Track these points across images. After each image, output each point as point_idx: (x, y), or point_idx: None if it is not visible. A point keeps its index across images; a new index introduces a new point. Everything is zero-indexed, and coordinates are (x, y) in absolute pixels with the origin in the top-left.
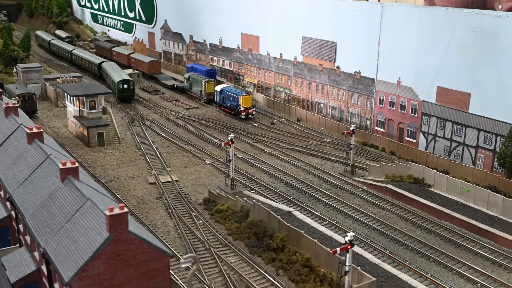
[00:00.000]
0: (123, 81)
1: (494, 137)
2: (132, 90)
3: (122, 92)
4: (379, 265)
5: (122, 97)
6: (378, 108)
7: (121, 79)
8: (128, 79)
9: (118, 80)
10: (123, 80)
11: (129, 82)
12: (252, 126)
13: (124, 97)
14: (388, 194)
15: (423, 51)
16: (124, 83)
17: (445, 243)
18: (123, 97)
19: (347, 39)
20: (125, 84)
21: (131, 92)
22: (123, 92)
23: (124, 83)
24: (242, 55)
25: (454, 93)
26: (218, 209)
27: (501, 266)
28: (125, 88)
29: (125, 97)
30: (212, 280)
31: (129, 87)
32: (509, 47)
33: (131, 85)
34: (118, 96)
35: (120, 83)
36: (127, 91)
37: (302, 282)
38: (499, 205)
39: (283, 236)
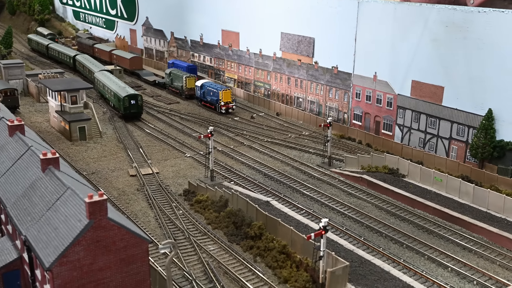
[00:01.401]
0: (130, 96)
1: (467, 129)
2: (141, 106)
3: (129, 109)
4: (354, 251)
5: (129, 114)
6: (355, 102)
7: (127, 94)
8: (135, 94)
9: (125, 95)
10: (130, 95)
11: (137, 97)
12: (232, 120)
13: (131, 114)
14: (364, 184)
15: (398, 46)
16: (131, 98)
17: (418, 230)
18: (130, 114)
19: (324, 34)
20: (132, 99)
21: (138, 108)
22: (130, 108)
23: (131, 98)
24: (222, 51)
25: (428, 86)
26: (197, 200)
27: (471, 251)
28: (133, 104)
29: (133, 114)
30: (192, 267)
31: (137, 102)
32: (480, 41)
33: (139, 100)
34: (124, 113)
35: (126, 98)
36: (134, 107)
37: (279, 268)
38: (470, 194)
39: (260, 224)
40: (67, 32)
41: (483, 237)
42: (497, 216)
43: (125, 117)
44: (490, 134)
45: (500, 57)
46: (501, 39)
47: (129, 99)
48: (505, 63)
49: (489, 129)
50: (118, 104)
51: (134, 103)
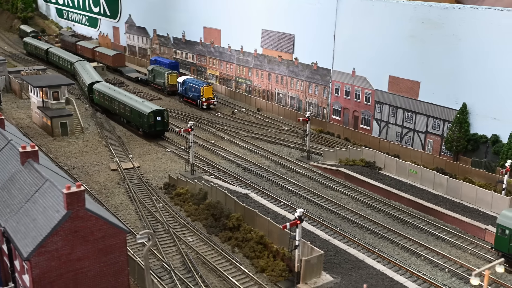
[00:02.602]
0: (156, 112)
1: (442, 123)
2: (167, 122)
3: (154, 127)
4: (329, 240)
5: (154, 133)
6: (334, 97)
7: (152, 109)
8: (161, 109)
9: (149, 111)
10: (155, 111)
11: (163, 113)
12: (213, 116)
13: (156, 132)
14: (341, 177)
15: (376, 42)
16: (157, 115)
17: (393, 220)
18: (154, 132)
19: (304, 31)
20: (158, 115)
21: (165, 125)
22: (156, 126)
23: (157, 115)
24: (204, 48)
25: (404, 81)
26: (177, 193)
27: (444, 240)
28: (158, 121)
29: (158, 132)
30: (170, 258)
31: (163, 119)
32: (454, 37)
33: (166, 116)
34: (148, 131)
35: (152, 115)
36: (160, 124)
37: (256, 258)
38: (444, 185)
39: (238, 216)
40: (51, 29)
41: (455, 227)
42: (469, 207)
43: (148, 135)
44: (464, 127)
45: (474, 52)
46: (475, 35)
47: (154, 116)
48: (478, 59)
49: (463, 123)
50: (139, 121)
51: (159, 120)
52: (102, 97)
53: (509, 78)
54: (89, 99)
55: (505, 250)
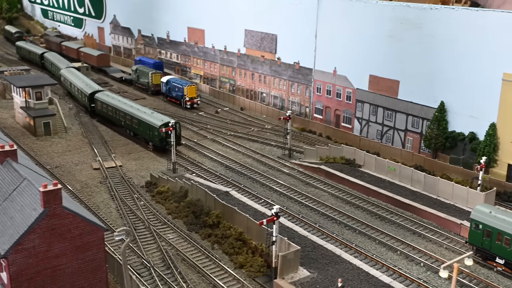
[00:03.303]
0: (167, 124)
1: (421, 121)
2: (179, 135)
3: (166, 140)
4: (307, 236)
5: (166, 146)
6: (316, 96)
7: (163, 122)
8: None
9: (161, 124)
10: (167, 123)
11: (175, 126)
12: (197, 115)
13: (168, 146)
14: (322, 175)
15: (356, 42)
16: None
17: (371, 217)
18: (166, 145)
19: (286, 31)
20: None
21: (177, 138)
22: (167, 139)
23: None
24: (188, 48)
25: (384, 81)
26: (159, 191)
27: (420, 235)
28: (170, 134)
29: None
30: (150, 255)
31: (176, 132)
32: (432, 37)
33: (178, 128)
34: (160, 145)
35: (163, 127)
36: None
37: (235, 254)
38: (421, 182)
39: (218, 213)
40: (36, 30)
41: (432, 222)
42: (446, 203)
43: (159, 149)
44: (442, 125)
45: (451, 52)
46: (452, 35)
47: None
48: (455, 58)
49: (441, 121)
50: (149, 134)
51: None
52: (106, 108)
53: (485, 77)
54: (90, 110)
55: (479, 244)
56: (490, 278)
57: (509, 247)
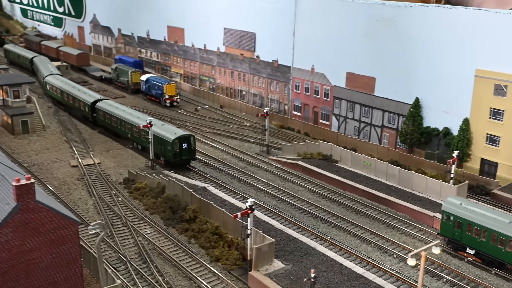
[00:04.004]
0: (182, 138)
1: (397, 117)
2: (194, 149)
3: (179, 156)
4: (283, 230)
5: (180, 162)
6: (295, 93)
7: (177, 136)
8: (187, 135)
9: (174, 138)
10: (181, 137)
11: (190, 139)
12: (176, 113)
13: (182, 162)
14: (299, 170)
15: (334, 40)
16: (183, 141)
17: (346, 210)
18: (180, 161)
19: (265, 30)
20: (184, 142)
21: (191, 153)
22: (181, 155)
23: (183, 141)
24: (168, 46)
25: (361, 78)
26: (136, 187)
27: (394, 228)
28: (184, 149)
29: (184, 162)
30: (127, 250)
31: (190, 146)
32: (407, 34)
33: (193, 142)
34: (173, 161)
35: (177, 142)
36: (186, 152)
37: (211, 248)
38: (396, 176)
39: (195, 208)
40: (15, 29)
41: (406, 215)
42: (420, 196)
43: (173, 165)
44: (417, 121)
45: (425, 49)
46: (426, 32)
47: (180, 143)
48: (429, 55)
49: (416, 117)
50: (160, 149)
51: (186, 147)
52: (109, 119)
53: (458, 73)
54: (92, 120)
55: (450, 235)
56: (461, 268)
57: (479, 237)
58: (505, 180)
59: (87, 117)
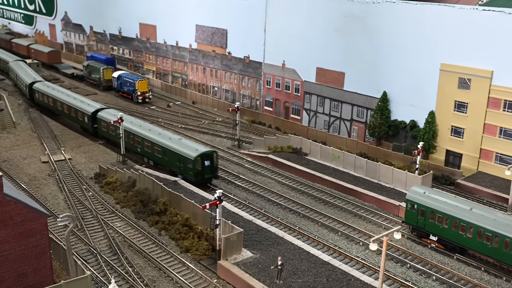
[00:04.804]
0: (204, 156)
1: (366, 110)
2: (216, 166)
3: (201, 174)
4: (252, 221)
5: (201, 181)
6: (266, 89)
7: (199, 153)
8: (210, 151)
9: (196, 155)
10: (203, 154)
11: (212, 156)
12: (148, 109)
13: (204, 180)
14: (269, 163)
15: (304, 36)
16: (205, 159)
17: (315, 201)
18: (202, 180)
19: (236, 26)
20: (206, 159)
21: (214, 170)
22: (203, 173)
23: (205, 159)
24: (141, 44)
25: (331, 73)
26: (107, 182)
27: (361, 217)
28: (207, 167)
29: (206, 180)
30: (97, 243)
31: (212, 163)
32: (375, 30)
33: (215, 158)
34: (195, 179)
35: (199, 159)
36: (208, 170)
37: (181, 239)
38: (363, 167)
39: (165, 201)
40: None
41: (373, 205)
42: (386, 186)
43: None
44: (385, 114)
45: (393, 44)
46: (393, 27)
47: (202, 160)
48: (396, 50)
49: (384, 110)
50: (178, 167)
51: (208, 165)
52: (113, 131)
53: (424, 68)
54: (92, 132)
55: (414, 223)
56: (424, 254)
57: (441, 224)
58: (469, 170)
59: (86, 128)
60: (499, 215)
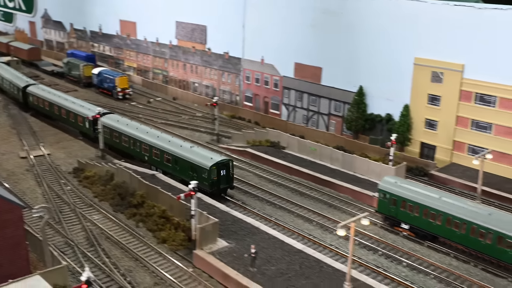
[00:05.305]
0: (220, 165)
1: (343, 105)
2: (232, 176)
3: (217, 184)
4: (229, 212)
5: (217, 191)
6: (246, 84)
7: (215, 162)
8: (226, 160)
9: (211, 165)
10: (219, 163)
11: (228, 165)
12: (129, 105)
13: (219, 191)
14: (248, 157)
15: (282, 31)
16: (221, 168)
17: (292, 193)
18: (218, 191)
19: (215, 22)
20: (222, 169)
21: (229, 180)
22: (219, 183)
23: (221, 168)
24: (121, 40)
25: (308, 68)
26: (86, 176)
27: (336, 208)
28: (222, 176)
29: (221, 191)
30: (75, 235)
31: (229, 172)
32: (351, 25)
33: (231, 167)
34: (210, 190)
35: (214, 169)
36: (224, 180)
37: (159, 230)
38: (340, 160)
39: (142, 193)
40: None
41: (348, 196)
42: (361, 178)
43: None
44: (361, 108)
45: (369, 39)
46: (369, 23)
47: (217, 170)
48: (372, 45)
49: (360, 104)
50: (190, 176)
51: (224, 174)
52: (118, 137)
53: (399, 62)
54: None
55: (386, 212)
56: (396, 242)
57: (413, 213)
58: (443, 162)
59: (87, 133)
60: (468, 203)
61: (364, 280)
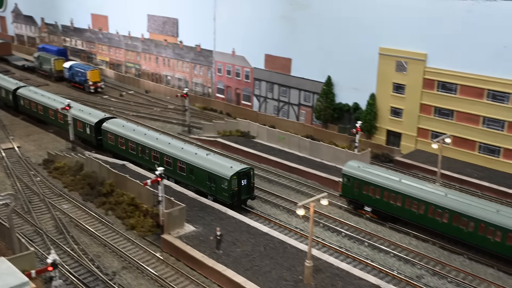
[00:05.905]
0: (241, 174)
1: (312, 95)
2: (253, 185)
3: (237, 195)
4: (197, 198)
5: (237, 203)
6: (218, 76)
7: (235, 171)
8: (247, 169)
9: (232, 174)
10: (240, 173)
11: (250, 173)
12: (101, 99)
13: (240, 202)
14: (218, 147)
15: (252, 23)
16: (242, 177)
17: (260, 180)
18: (238, 202)
19: (187, 15)
20: (243, 178)
21: (250, 190)
22: (240, 194)
23: (242, 177)
24: (93, 34)
25: (279, 59)
26: (55, 167)
27: (303, 193)
28: (243, 186)
29: (242, 202)
30: (44, 224)
31: (250, 181)
32: (318, 17)
33: (252, 176)
34: (230, 201)
35: (235, 179)
36: (245, 190)
37: (127, 217)
38: (307, 148)
39: (111, 182)
40: None
41: (315, 182)
42: (328, 164)
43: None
44: (330, 98)
45: (336, 31)
46: (335, 14)
47: (238, 180)
48: (339, 36)
49: (329, 94)
50: (208, 186)
51: (245, 184)
52: (124, 143)
53: (365, 52)
54: (96, 144)
55: (350, 195)
56: (359, 224)
57: (374, 195)
58: (408, 149)
59: (88, 140)
60: (427, 184)
61: (326, 259)
